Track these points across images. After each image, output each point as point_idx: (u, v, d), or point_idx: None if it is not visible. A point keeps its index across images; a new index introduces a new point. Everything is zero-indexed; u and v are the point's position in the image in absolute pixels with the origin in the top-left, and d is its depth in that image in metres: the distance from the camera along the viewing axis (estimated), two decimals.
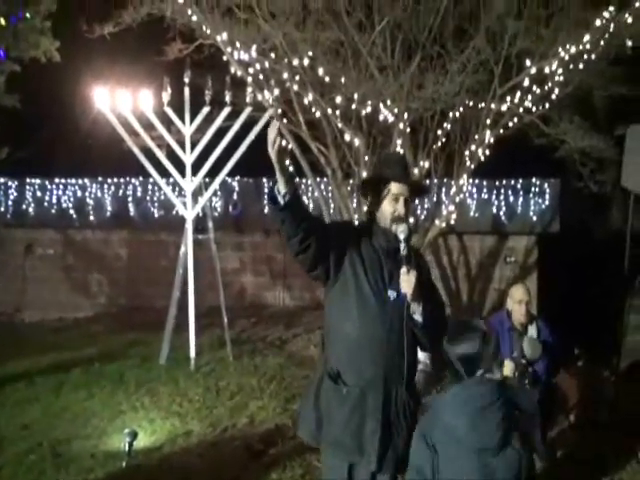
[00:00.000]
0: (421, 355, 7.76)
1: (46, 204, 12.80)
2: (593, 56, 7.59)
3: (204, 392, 7.26)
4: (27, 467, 5.43)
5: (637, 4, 7.38)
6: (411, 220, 8.56)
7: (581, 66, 7.63)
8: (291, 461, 5.37)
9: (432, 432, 2.87)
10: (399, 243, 3.32)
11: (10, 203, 12.94)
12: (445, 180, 9.17)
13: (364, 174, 7.76)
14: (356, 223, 3.74)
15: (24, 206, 12.85)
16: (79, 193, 12.70)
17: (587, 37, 7.33)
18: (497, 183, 11.39)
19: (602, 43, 7.51)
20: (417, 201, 9.74)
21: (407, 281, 3.22)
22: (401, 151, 7.85)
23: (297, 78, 7.90)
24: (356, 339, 3.28)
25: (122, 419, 6.51)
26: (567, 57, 7.41)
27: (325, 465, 3.49)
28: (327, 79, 7.71)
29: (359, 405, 3.26)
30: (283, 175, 3.03)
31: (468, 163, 8.09)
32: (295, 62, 7.62)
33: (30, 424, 6.39)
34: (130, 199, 12.45)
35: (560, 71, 7.55)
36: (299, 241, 3.13)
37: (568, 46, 7.35)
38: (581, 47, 7.37)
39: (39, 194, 12.85)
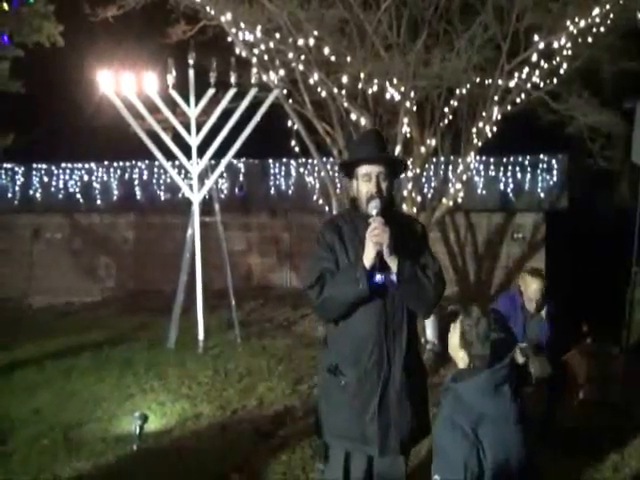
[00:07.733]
0: (430, 335, 7.77)
1: (53, 189, 12.80)
2: (602, 29, 7.48)
3: (213, 374, 7.27)
4: (39, 451, 5.45)
5: None
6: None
7: (590, 40, 7.52)
8: (300, 442, 5.36)
9: (467, 420, 2.74)
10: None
11: (17, 188, 12.94)
12: (452, 158, 9.11)
13: None
14: (337, 217, 3.62)
15: (31, 191, 12.86)
16: (85, 177, 12.69)
17: (596, 10, 7.21)
18: (504, 160, 11.31)
19: (611, 16, 7.39)
20: (424, 180, 9.69)
21: (377, 234, 3.08)
22: (406, 129, 7.79)
23: (302, 58, 7.82)
24: (353, 331, 3.25)
25: (132, 402, 6.53)
26: (576, 31, 7.30)
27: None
28: (333, 58, 7.63)
29: (358, 393, 3.23)
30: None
31: (475, 140, 8.03)
32: (300, 42, 7.53)
33: (41, 409, 6.41)
34: (136, 182, 12.43)
35: (569, 45, 7.44)
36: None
37: (577, 19, 7.24)
38: (590, 20, 7.26)
39: (46, 179, 12.84)
